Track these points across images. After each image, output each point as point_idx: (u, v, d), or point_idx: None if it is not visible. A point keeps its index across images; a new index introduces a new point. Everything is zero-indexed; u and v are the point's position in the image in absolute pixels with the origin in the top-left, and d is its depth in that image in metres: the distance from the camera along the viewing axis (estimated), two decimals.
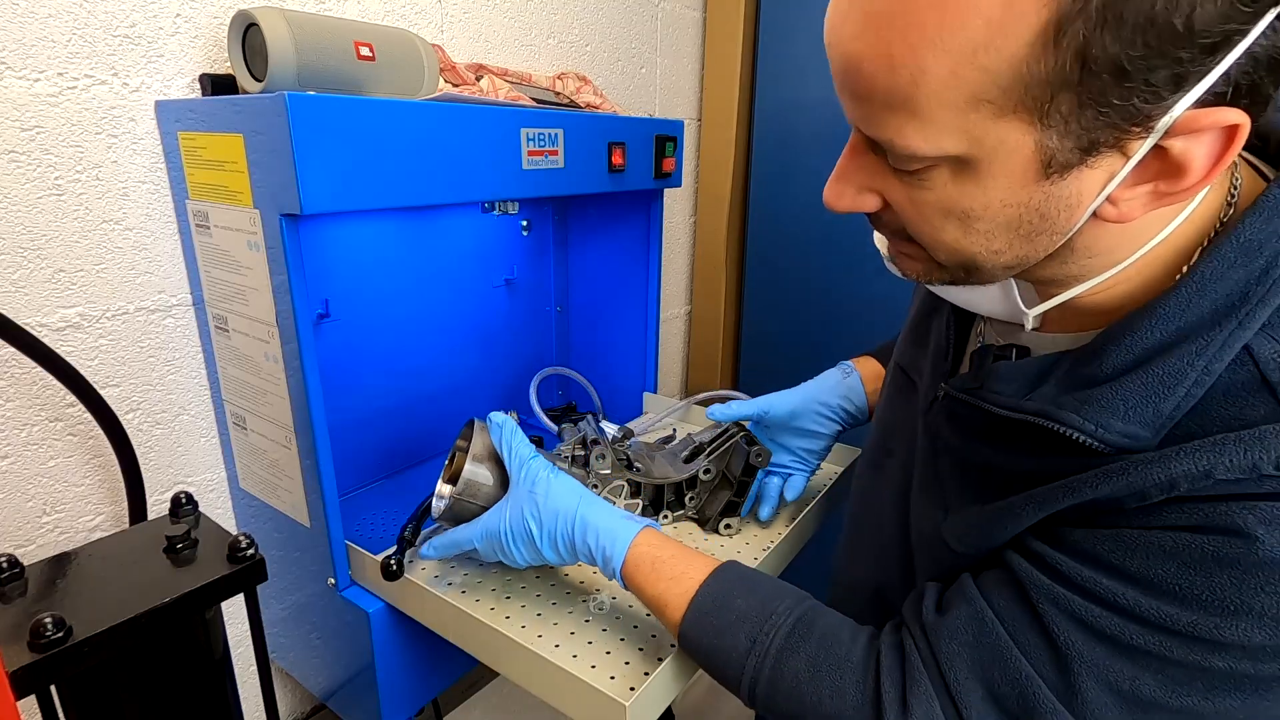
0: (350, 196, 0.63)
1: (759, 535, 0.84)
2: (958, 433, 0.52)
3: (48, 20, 0.65)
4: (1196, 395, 0.38)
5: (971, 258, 0.42)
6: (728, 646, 0.53)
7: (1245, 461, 0.35)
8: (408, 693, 0.79)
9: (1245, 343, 0.38)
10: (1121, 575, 0.40)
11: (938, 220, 0.40)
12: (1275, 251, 0.38)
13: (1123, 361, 0.40)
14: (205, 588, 0.51)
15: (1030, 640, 0.43)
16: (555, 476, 0.65)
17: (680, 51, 1.46)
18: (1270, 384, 0.37)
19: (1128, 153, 0.35)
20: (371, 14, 0.91)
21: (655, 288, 1.11)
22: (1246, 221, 0.38)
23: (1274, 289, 0.37)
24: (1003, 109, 0.34)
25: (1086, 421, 0.40)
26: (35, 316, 0.69)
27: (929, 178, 0.39)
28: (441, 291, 1.02)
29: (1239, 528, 0.36)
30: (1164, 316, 0.39)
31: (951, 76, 0.34)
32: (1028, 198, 0.37)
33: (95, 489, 0.76)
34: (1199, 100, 0.32)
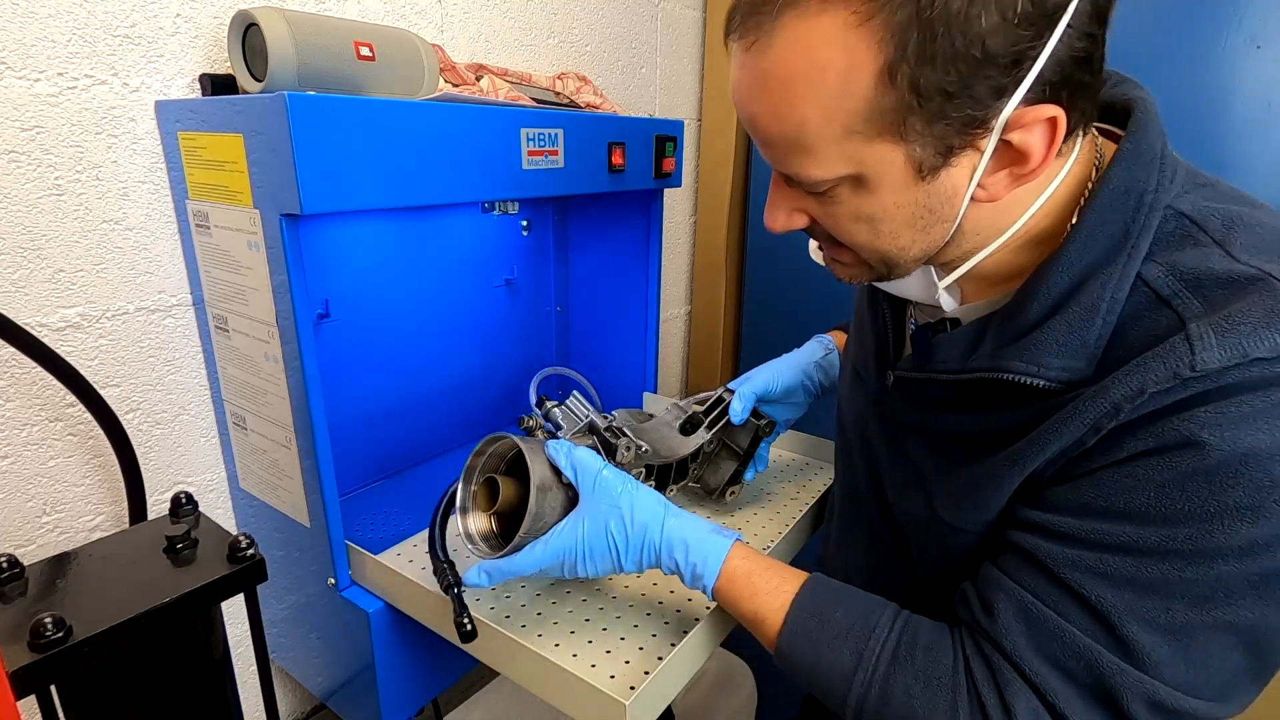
0: (350, 196, 0.63)
1: (761, 533, 0.84)
2: (917, 410, 0.58)
3: (48, 20, 0.65)
4: (1112, 322, 0.45)
5: (885, 254, 0.50)
6: (831, 661, 0.54)
7: (1166, 372, 0.41)
8: (408, 693, 0.79)
9: (1137, 271, 0.45)
10: (1113, 515, 0.44)
11: (851, 226, 0.49)
12: (1141, 191, 0.46)
13: (1043, 307, 0.47)
14: (205, 588, 0.51)
15: (1070, 609, 0.46)
16: (637, 489, 0.63)
17: (680, 51, 1.46)
18: (1163, 298, 0.44)
19: (980, 149, 0.44)
20: (371, 14, 0.91)
21: (655, 288, 1.11)
22: (1111, 173, 0.46)
23: (1147, 222, 0.45)
24: (869, 136, 0.43)
25: (1029, 365, 0.47)
26: (35, 316, 0.69)
27: (835, 195, 0.48)
28: (441, 291, 1.02)
29: (1186, 438, 0.41)
30: (1067, 263, 0.46)
31: (825, 119, 0.43)
32: (913, 198, 0.46)
33: (95, 489, 0.76)
34: (1024, 99, 0.41)
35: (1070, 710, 0.46)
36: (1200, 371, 0.40)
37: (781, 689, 1.42)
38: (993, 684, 0.49)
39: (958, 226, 0.48)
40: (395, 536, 0.81)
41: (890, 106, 0.41)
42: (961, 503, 0.53)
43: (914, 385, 0.58)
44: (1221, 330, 0.40)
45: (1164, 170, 0.47)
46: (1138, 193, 0.46)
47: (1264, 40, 0.97)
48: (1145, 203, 0.46)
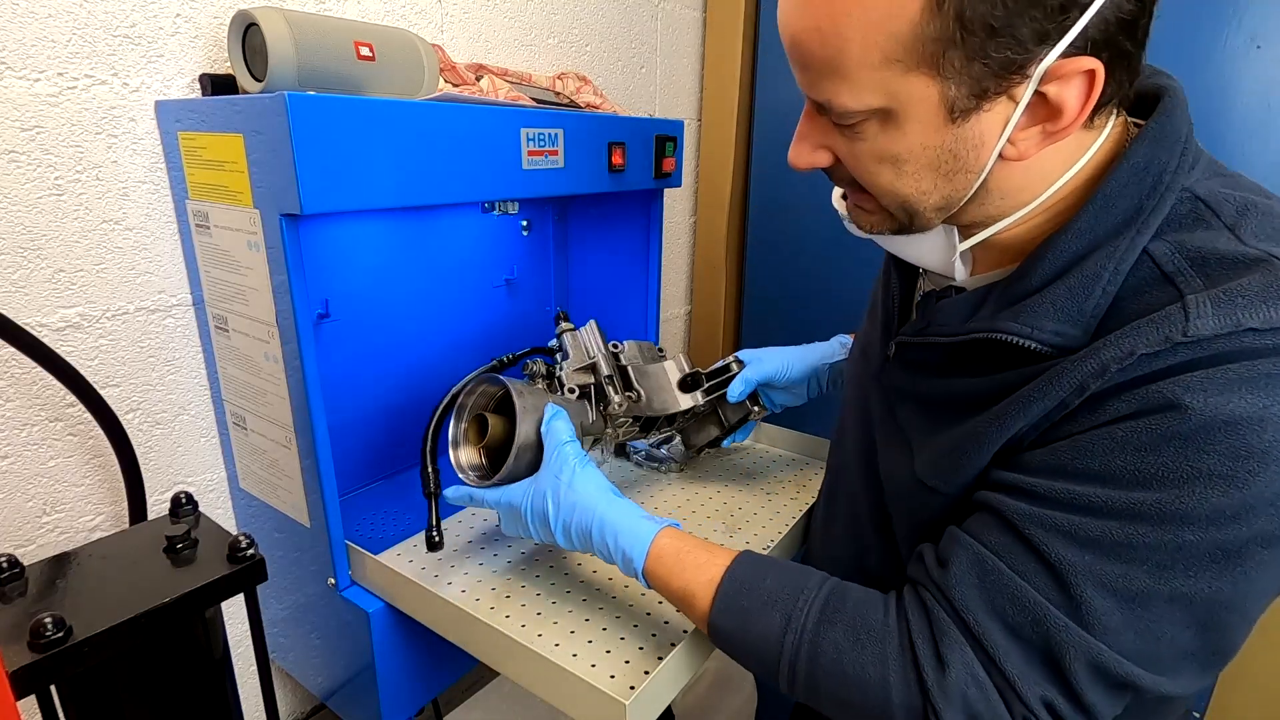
0: (350, 196, 0.63)
1: (761, 533, 0.84)
2: (912, 376, 0.58)
3: (48, 20, 0.65)
4: (1111, 293, 0.45)
5: (906, 198, 0.50)
6: (762, 627, 0.54)
7: (1159, 336, 0.41)
8: (408, 693, 0.79)
9: (1144, 247, 0.45)
10: (1086, 477, 0.44)
11: (874, 166, 0.49)
12: (1160, 170, 0.46)
13: (1046, 274, 0.48)
14: (205, 588, 0.51)
15: (1027, 566, 0.46)
16: (582, 469, 0.65)
17: (680, 51, 1.46)
18: (1167, 274, 0.44)
19: (1015, 98, 0.44)
20: (371, 14, 0.91)
21: (655, 288, 1.11)
22: (1134, 149, 0.47)
23: (1162, 201, 0.46)
24: (908, 66, 0.43)
25: (1023, 326, 0.47)
26: (35, 316, 0.69)
27: (863, 130, 0.47)
28: (441, 291, 1.02)
29: (1169, 401, 0.41)
30: (1077, 232, 0.47)
31: (866, 42, 0.42)
32: (940, 140, 0.46)
33: (95, 489, 0.76)
34: (1064, 53, 0.41)
35: (1010, 665, 0.46)
36: (1192, 337, 0.40)
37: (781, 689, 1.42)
38: (928, 636, 0.49)
39: (983, 183, 0.48)
40: (395, 536, 0.81)
41: (933, 36, 0.41)
42: (941, 460, 0.53)
43: (912, 352, 0.58)
44: (1218, 301, 0.41)
45: (1185, 154, 0.47)
46: (1156, 171, 0.46)
47: (1264, 40, 0.98)
48: (1163, 182, 0.46)
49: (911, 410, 0.58)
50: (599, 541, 0.62)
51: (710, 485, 0.95)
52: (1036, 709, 0.45)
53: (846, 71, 0.44)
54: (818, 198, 1.43)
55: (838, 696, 0.51)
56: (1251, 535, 0.41)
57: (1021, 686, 0.45)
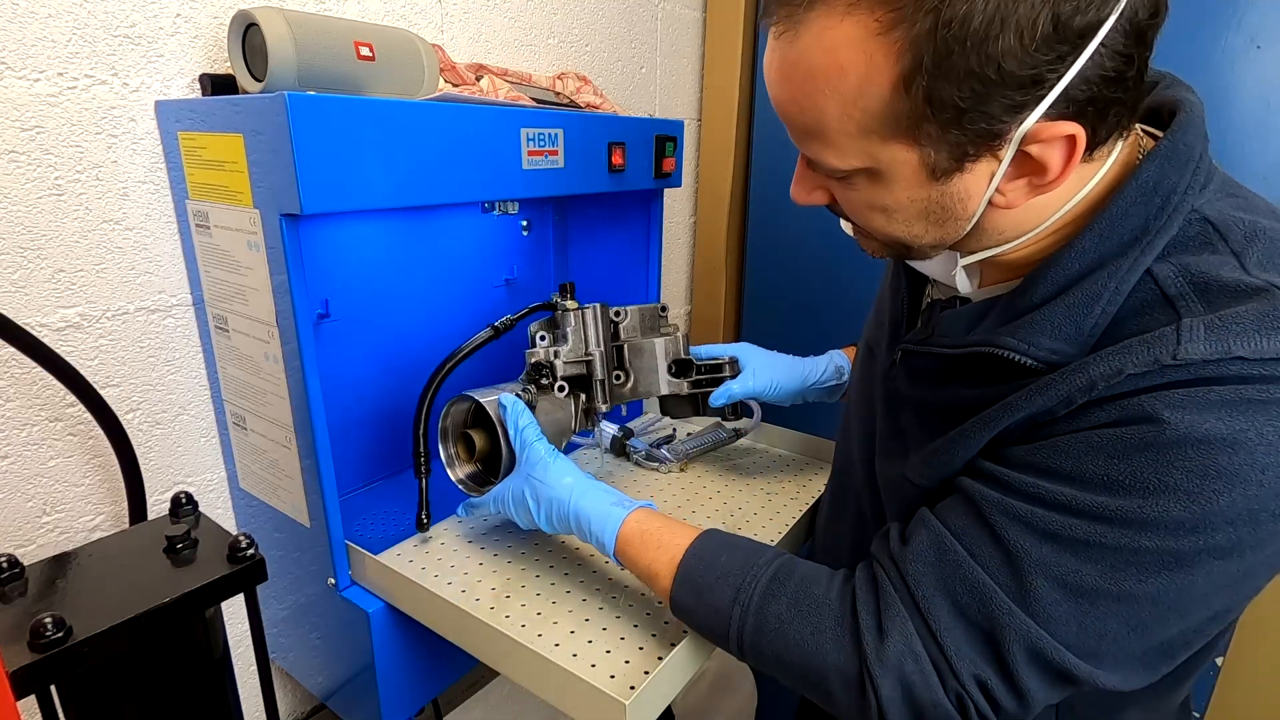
0: (350, 196, 0.63)
1: (761, 533, 0.84)
2: (914, 383, 0.59)
3: (48, 20, 0.65)
4: (1110, 313, 0.46)
5: (899, 240, 0.51)
6: (714, 600, 0.57)
7: (1149, 357, 0.42)
8: (408, 693, 0.79)
9: (1148, 267, 0.45)
10: (1058, 475, 0.45)
11: (866, 213, 0.51)
12: (1169, 190, 0.46)
13: (1047, 291, 0.48)
14: (205, 588, 0.51)
15: (984, 551, 0.47)
16: (553, 461, 0.69)
17: (680, 51, 1.46)
18: (1169, 297, 0.44)
19: (998, 157, 0.44)
20: (371, 14, 0.91)
21: (655, 288, 1.11)
22: (1144, 168, 0.46)
23: (1169, 222, 0.45)
24: (885, 137, 0.44)
25: (1020, 342, 0.48)
26: (35, 316, 0.69)
27: (853, 182, 0.49)
28: (441, 291, 1.02)
29: (1149, 414, 0.42)
30: (1081, 251, 0.47)
31: (843, 115, 0.44)
32: (925, 195, 0.47)
33: (95, 489, 0.76)
34: (1045, 115, 0.42)
35: (949, 641, 0.47)
36: (1180, 360, 0.41)
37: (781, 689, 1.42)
38: (873, 607, 0.51)
39: (976, 225, 0.49)
40: (395, 536, 0.81)
41: (905, 113, 0.42)
42: (931, 460, 0.54)
43: (915, 359, 0.59)
44: (1212, 326, 0.41)
45: (1197, 173, 0.46)
46: (1165, 191, 0.46)
47: (1264, 40, 0.98)
48: (1171, 202, 0.45)
49: (911, 417, 0.59)
50: (576, 528, 0.66)
51: (710, 485, 0.95)
52: (969, 686, 0.47)
53: (826, 137, 0.46)
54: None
55: (781, 662, 0.54)
56: (1206, 548, 0.42)
57: (957, 662, 0.47)
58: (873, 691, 0.48)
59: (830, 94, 0.44)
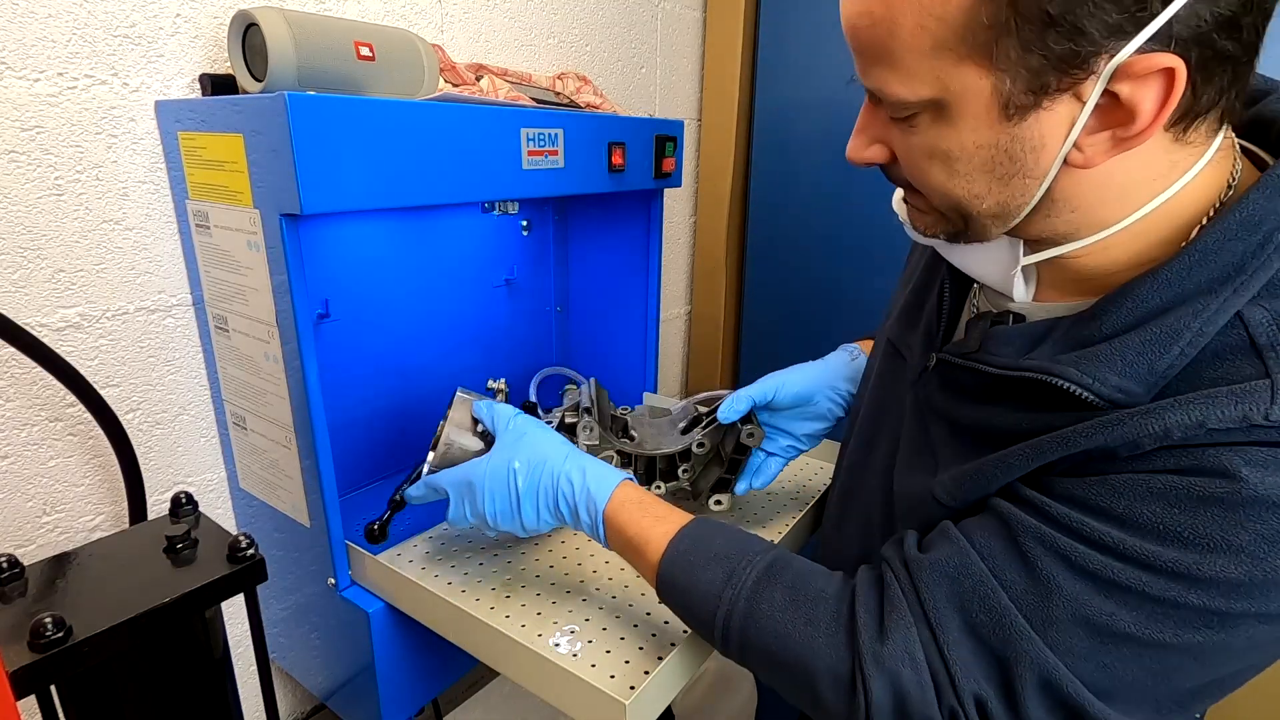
0: (350, 196, 0.63)
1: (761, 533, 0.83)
2: (950, 397, 0.54)
3: (48, 20, 0.65)
4: (1190, 355, 0.41)
5: (959, 200, 0.46)
6: (705, 580, 0.54)
7: (1236, 413, 0.38)
8: (408, 693, 0.79)
9: (1238, 310, 0.40)
10: (1108, 516, 0.42)
11: (925, 162, 0.46)
12: (1274, 227, 0.40)
13: (1122, 322, 0.43)
14: (205, 588, 0.51)
15: (1011, 575, 0.44)
16: (542, 429, 0.67)
17: (680, 51, 1.46)
18: (1258, 347, 0.39)
19: (1082, 97, 0.39)
20: (371, 14, 0.91)
21: (655, 288, 1.11)
22: (1249, 197, 0.41)
23: (1269, 261, 0.40)
24: (960, 55, 0.40)
25: (1084, 375, 0.43)
26: (35, 316, 0.69)
27: (916, 123, 0.44)
28: (441, 291, 1.02)
29: (1226, 469, 0.38)
30: (1165, 281, 0.42)
31: (917, 28, 0.40)
32: (994, 139, 0.42)
33: (95, 489, 0.76)
34: (1140, 49, 0.36)
35: (956, 655, 0.44)
36: (1274, 422, 0.37)
37: None
38: (875, 608, 0.48)
39: (1047, 192, 0.44)
40: (395, 537, 0.81)
41: (985, 23, 0.38)
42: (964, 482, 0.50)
43: (955, 371, 0.54)
44: None
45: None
46: (1270, 228, 0.40)
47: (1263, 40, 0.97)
48: (1275, 240, 0.40)
49: (944, 432, 0.55)
50: (566, 489, 0.62)
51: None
52: (967, 703, 0.44)
53: (897, 59, 0.41)
54: (818, 198, 1.43)
55: (767, 654, 0.51)
56: (1255, 612, 0.40)
57: (960, 678, 0.44)
58: (863, 693, 0.46)
59: (907, 3, 0.39)
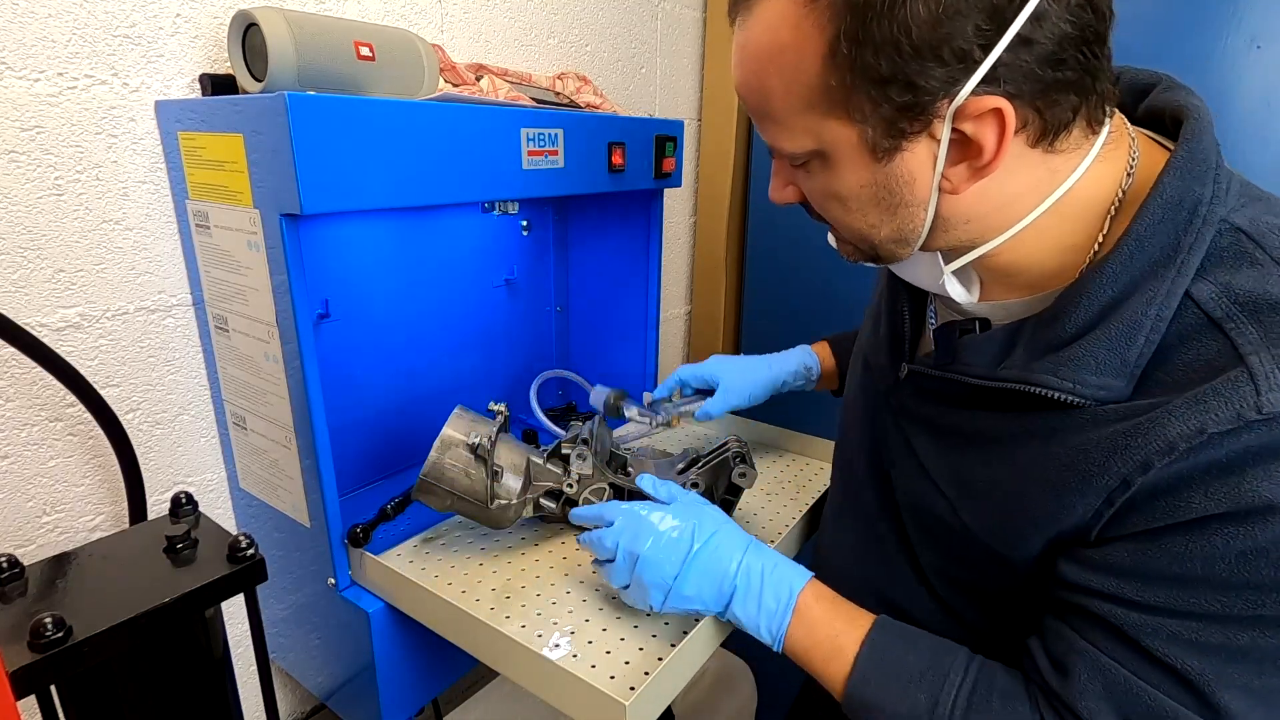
0: (350, 196, 0.63)
1: (761, 533, 0.83)
2: (929, 405, 0.57)
3: (48, 20, 0.65)
4: (1155, 341, 0.44)
5: (859, 231, 0.51)
6: (906, 708, 0.52)
7: (1229, 413, 0.39)
8: (408, 693, 0.79)
9: (1186, 289, 0.43)
10: (1193, 583, 0.42)
11: (825, 202, 0.51)
12: (1194, 203, 0.44)
13: (1083, 320, 0.46)
14: (205, 588, 0.51)
15: (1154, 676, 0.44)
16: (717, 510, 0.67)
17: (680, 51, 1.46)
18: (1215, 321, 0.42)
19: (936, 136, 0.44)
20: (371, 14, 0.91)
21: (655, 288, 1.11)
22: (1165, 182, 0.45)
23: (1200, 237, 0.43)
24: (823, 112, 0.45)
25: (1064, 381, 0.46)
26: (35, 316, 0.69)
27: (810, 169, 0.50)
28: (441, 291, 1.02)
29: (1267, 503, 0.39)
30: (1111, 274, 0.45)
31: (786, 92, 0.46)
32: (871, 178, 0.47)
33: (95, 489, 0.76)
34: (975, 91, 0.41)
35: None
36: (1266, 415, 0.38)
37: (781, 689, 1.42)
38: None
39: (936, 215, 0.48)
40: (395, 537, 0.81)
41: (835, 85, 0.43)
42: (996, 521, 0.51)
43: (928, 380, 0.57)
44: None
45: (1219, 181, 0.45)
46: (1191, 204, 0.44)
47: (1264, 40, 0.97)
48: (1199, 215, 0.43)
49: (927, 439, 0.57)
50: (745, 576, 0.60)
51: None
52: None
53: (777, 118, 0.48)
54: None
55: None
56: None
57: None
58: None
59: (774, 72, 0.45)
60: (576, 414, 1.19)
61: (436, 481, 0.72)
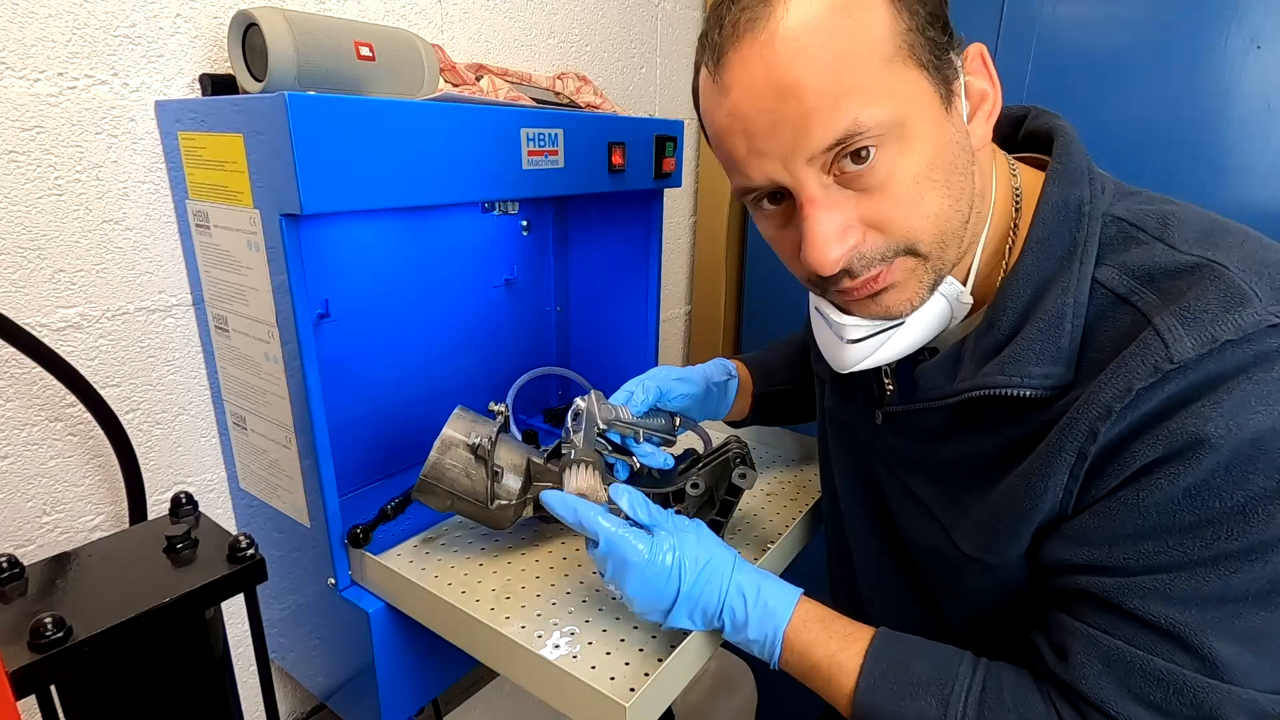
0: (350, 196, 0.63)
1: (761, 533, 0.84)
2: (912, 443, 0.59)
3: (48, 20, 0.65)
4: (1080, 325, 0.48)
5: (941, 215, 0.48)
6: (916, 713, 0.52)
7: (1148, 366, 0.42)
8: (408, 693, 0.79)
9: (1092, 275, 0.48)
10: (1153, 533, 0.44)
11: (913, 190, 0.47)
12: (1079, 203, 0.50)
13: (1013, 322, 0.50)
14: (205, 588, 0.51)
15: (1143, 638, 0.45)
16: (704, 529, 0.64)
17: (680, 51, 1.46)
18: (1121, 296, 0.46)
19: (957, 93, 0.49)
20: (371, 14, 0.91)
21: (655, 288, 1.11)
22: (1049, 189, 0.51)
23: (1090, 231, 0.49)
24: (902, 62, 0.45)
25: (1011, 377, 0.48)
26: (35, 316, 0.69)
27: (879, 162, 0.46)
28: (441, 291, 1.02)
29: (1193, 436, 0.41)
30: (1025, 276, 0.50)
31: (860, 52, 0.45)
32: (949, 135, 0.48)
33: (95, 489, 0.76)
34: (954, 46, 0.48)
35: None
36: (1179, 362, 0.42)
37: (781, 689, 1.42)
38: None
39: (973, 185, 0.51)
40: (395, 537, 0.81)
41: (904, 29, 0.45)
42: (983, 533, 0.52)
43: (905, 419, 0.59)
44: (1185, 320, 0.42)
45: (1094, 183, 0.51)
46: (1075, 204, 0.50)
47: (1264, 40, 0.97)
48: (1084, 212, 0.49)
49: (925, 481, 0.58)
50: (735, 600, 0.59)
51: None
52: None
53: (852, 82, 0.44)
54: None
55: None
56: None
57: None
58: None
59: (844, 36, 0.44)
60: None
61: (437, 482, 0.72)
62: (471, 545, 0.80)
